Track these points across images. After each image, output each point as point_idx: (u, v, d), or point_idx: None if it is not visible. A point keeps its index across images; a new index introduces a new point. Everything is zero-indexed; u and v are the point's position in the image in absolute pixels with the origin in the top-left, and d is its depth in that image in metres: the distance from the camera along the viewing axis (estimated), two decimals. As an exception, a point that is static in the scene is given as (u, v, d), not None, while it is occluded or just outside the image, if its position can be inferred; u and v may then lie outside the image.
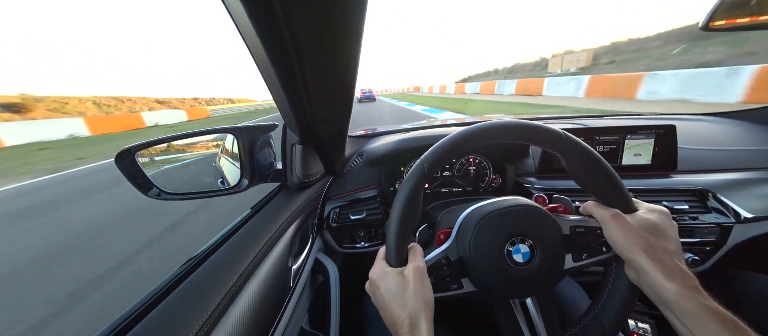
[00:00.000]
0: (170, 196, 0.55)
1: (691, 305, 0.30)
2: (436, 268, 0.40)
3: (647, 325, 0.77)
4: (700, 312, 0.30)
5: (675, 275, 0.32)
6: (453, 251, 0.41)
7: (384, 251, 0.41)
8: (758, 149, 0.90)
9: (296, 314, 0.61)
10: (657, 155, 0.83)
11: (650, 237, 0.35)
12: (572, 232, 0.40)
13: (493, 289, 0.40)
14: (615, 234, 0.36)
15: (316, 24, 0.31)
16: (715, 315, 0.29)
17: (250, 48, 0.36)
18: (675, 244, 0.35)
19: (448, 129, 1.06)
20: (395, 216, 0.39)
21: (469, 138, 0.39)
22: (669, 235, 0.35)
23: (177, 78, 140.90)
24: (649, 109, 3.61)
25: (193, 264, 0.43)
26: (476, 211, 0.42)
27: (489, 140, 0.40)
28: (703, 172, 0.83)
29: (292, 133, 0.61)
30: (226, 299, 0.39)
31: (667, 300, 0.32)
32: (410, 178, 0.39)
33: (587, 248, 0.40)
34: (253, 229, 0.54)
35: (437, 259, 0.40)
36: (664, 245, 0.34)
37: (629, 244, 0.35)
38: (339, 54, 0.37)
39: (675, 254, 0.34)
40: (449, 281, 0.40)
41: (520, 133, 0.40)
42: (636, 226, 0.36)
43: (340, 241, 0.85)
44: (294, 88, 0.42)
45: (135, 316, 0.34)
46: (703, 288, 0.31)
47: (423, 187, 0.41)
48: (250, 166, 0.58)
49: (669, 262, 0.33)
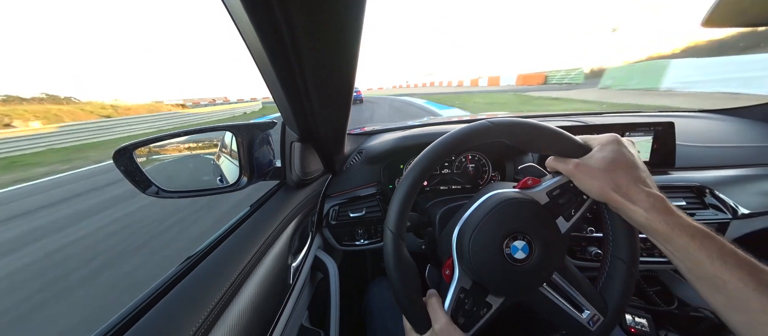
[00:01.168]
0: (169, 194, 0.54)
1: (660, 225, 0.32)
2: (459, 306, 0.40)
3: (644, 320, 0.78)
4: (667, 230, 0.31)
5: (640, 201, 0.33)
6: (464, 280, 0.41)
7: (408, 323, 0.42)
8: (755, 146, 0.91)
9: (296, 311, 0.61)
10: (655, 152, 0.83)
11: (612, 174, 0.36)
12: (551, 197, 0.42)
13: (506, 292, 0.41)
14: (584, 184, 0.38)
15: (315, 22, 0.31)
16: (683, 229, 0.31)
17: (249, 45, 0.36)
18: (633, 170, 0.35)
19: (446, 126, 1.06)
20: (398, 287, 0.39)
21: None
22: (627, 164, 0.36)
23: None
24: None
25: (193, 261, 0.43)
26: (464, 226, 0.43)
27: (429, 164, 0.40)
28: (700, 169, 0.84)
29: (291, 131, 0.61)
30: (226, 296, 0.39)
31: (639, 224, 0.34)
32: (389, 254, 0.40)
33: (570, 203, 0.41)
34: (253, 227, 0.54)
35: (455, 297, 0.41)
36: (625, 177, 0.35)
37: (598, 189, 0.36)
38: (338, 52, 0.37)
39: (637, 180, 0.35)
40: (477, 309, 0.41)
41: (453, 146, 0.40)
42: (597, 168, 0.37)
43: (339, 239, 0.85)
44: (293, 85, 0.41)
45: (136, 312, 0.34)
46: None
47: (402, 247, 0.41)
48: (249, 164, 0.58)
49: (633, 190, 0.34)
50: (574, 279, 0.42)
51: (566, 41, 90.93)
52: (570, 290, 0.42)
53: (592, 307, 0.41)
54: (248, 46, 0.36)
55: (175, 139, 0.59)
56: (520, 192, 0.43)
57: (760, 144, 0.91)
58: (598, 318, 0.41)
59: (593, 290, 0.43)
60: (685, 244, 0.30)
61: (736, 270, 0.27)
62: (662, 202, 0.33)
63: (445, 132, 0.42)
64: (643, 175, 0.35)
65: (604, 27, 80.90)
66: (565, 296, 0.42)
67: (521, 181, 0.45)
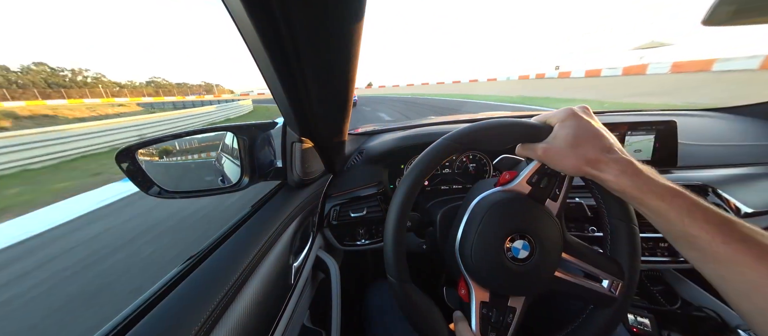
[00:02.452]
0: (171, 194, 0.55)
1: (630, 189, 0.33)
2: (486, 321, 0.41)
3: (646, 320, 0.77)
4: (638, 192, 0.33)
5: (610, 169, 0.34)
6: (481, 293, 0.42)
7: None
8: (758, 144, 0.90)
9: (298, 311, 0.61)
10: (658, 151, 0.83)
11: (579, 149, 0.36)
12: (532, 184, 0.42)
13: (523, 292, 0.41)
14: (556, 164, 0.38)
15: (316, 22, 0.31)
16: (652, 190, 0.32)
17: (250, 46, 0.36)
18: (598, 140, 0.36)
19: (447, 126, 1.06)
20: (423, 328, 0.40)
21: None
22: (591, 135, 0.36)
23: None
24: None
25: (195, 261, 0.44)
26: (462, 241, 0.43)
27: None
28: (703, 168, 0.83)
29: (291, 131, 0.61)
30: (228, 296, 0.39)
31: (613, 190, 0.35)
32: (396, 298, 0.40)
33: (551, 184, 0.42)
34: (254, 227, 0.54)
35: (478, 314, 0.41)
36: (592, 149, 0.35)
37: (571, 167, 0.37)
38: (338, 52, 0.37)
39: (603, 149, 0.35)
40: (503, 317, 0.41)
41: (419, 178, 0.41)
42: (563, 146, 0.37)
43: (340, 239, 0.85)
44: (293, 86, 0.42)
45: (139, 312, 0.34)
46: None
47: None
48: (251, 165, 0.58)
49: (603, 159, 0.35)
50: (582, 254, 0.43)
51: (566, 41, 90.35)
52: (582, 265, 0.42)
53: (608, 275, 0.41)
54: (249, 46, 0.36)
55: (176, 140, 0.59)
56: (502, 190, 0.43)
57: (763, 142, 0.90)
58: (617, 283, 0.41)
59: (604, 258, 0.43)
60: (656, 205, 0.31)
61: (704, 225, 0.28)
62: (630, 166, 0.33)
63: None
64: (608, 143, 0.36)
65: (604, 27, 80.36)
66: (579, 274, 0.42)
67: (500, 177, 0.45)
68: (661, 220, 0.32)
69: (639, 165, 0.34)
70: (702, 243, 0.28)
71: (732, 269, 0.26)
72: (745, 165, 0.83)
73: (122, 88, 53.19)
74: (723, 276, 0.28)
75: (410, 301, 0.40)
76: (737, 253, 0.26)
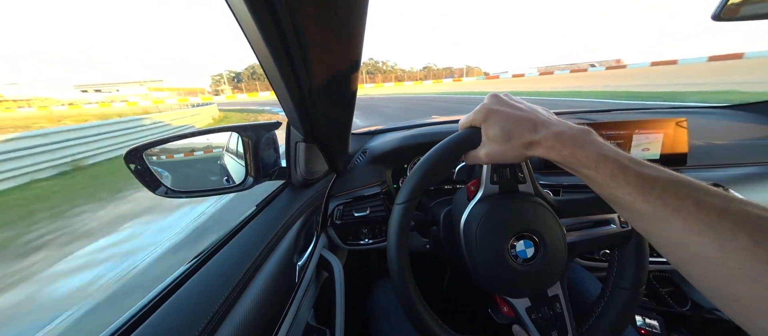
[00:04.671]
0: (177, 194, 0.56)
1: (563, 159, 0.33)
2: (540, 324, 0.42)
3: (655, 321, 0.76)
4: (569, 162, 0.33)
5: (545, 146, 0.34)
6: (520, 302, 0.43)
7: None
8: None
9: (302, 309, 0.62)
10: (666, 150, 0.81)
11: (515, 141, 0.36)
12: (498, 182, 0.44)
13: (552, 280, 0.42)
14: (503, 160, 0.38)
15: (319, 23, 0.31)
16: (581, 161, 0.32)
17: (254, 47, 0.36)
18: (526, 123, 0.35)
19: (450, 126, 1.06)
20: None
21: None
22: (518, 123, 0.36)
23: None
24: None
25: (202, 259, 0.44)
26: (473, 268, 0.43)
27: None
28: (714, 167, 0.81)
29: (295, 131, 0.62)
30: (235, 293, 0.40)
31: (558, 163, 0.35)
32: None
33: (513, 171, 0.43)
34: (260, 226, 0.55)
35: (531, 321, 0.42)
36: (526, 134, 0.35)
37: (516, 158, 0.37)
38: (341, 53, 0.37)
39: (533, 129, 0.35)
40: (553, 312, 0.42)
41: (403, 221, 0.41)
42: (500, 145, 0.36)
43: (344, 238, 0.85)
44: (297, 86, 0.42)
45: (148, 309, 0.35)
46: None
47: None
48: (255, 164, 0.59)
49: (534, 140, 0.35)
50: (578, 208, 0.44)
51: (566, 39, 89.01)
52: (583, 219, 0.43)
53: (611, 213, 0.43)
54: (253, 47, 0.36)
55: (183, 140, 0.60)
56: (476, 203, 0.44)
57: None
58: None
59: (597, 200, 0.42)
60: (585, 172, 0.32)
61: (625, 187, 0.29)
62: (560, 137, 0.33)
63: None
64: (537, 121, 0.35)
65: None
66: (588, 225, 0.44)
67: (467, 189, 0.46)
68: (594, 185, 0.33)
69: (571, 132, 0.34)
70: (626, 203, 0.29)
71: (654, 225, 0.28)
72: (757, 164, 0.81)
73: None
74: (649, 232, 0.29)
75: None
76: (657, 209, 0.27)
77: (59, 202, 4.02)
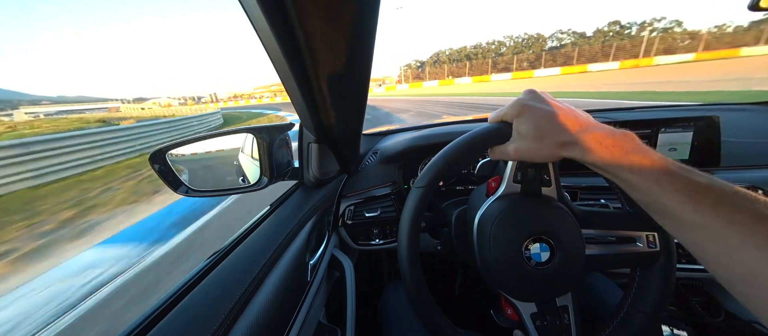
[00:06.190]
0: (196, 193, 0.58)
1: (601, 162, 0.32)
2: (544, 331, 0.41)
3: (684, 332, 0.71)
4: (609, 166, 0.31)
5: (579, 148, 0.33)
6: (527, 307, 0.42)
7: None
8: None
9: (314, 308, 0.63)
10: (696, 149, 0.76)
11: (547, 139, 0.34)
12: (521, 181, 0.42)
13: (564, 289, 0.40)
14: (533, 158, 0.37)
15: (330, 27, 0.32)
16: (622, 165, 0.30)
17: (268, 50, 0.37)
18: (561, 123, 0.34)
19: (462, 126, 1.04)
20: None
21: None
22: (553, 121, 0.34)
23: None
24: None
25: (218, 257, 0.46)
26: (485, 267, 0.42)
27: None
28: (750, 168, 0.76)
29: (308, 132, 0.63)
30: (250, 290, 0.41)
31: (589, 166, 0.34)
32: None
33: (539, 173, 0.41)
34: (273, 225, 0.56)
35: (535, 328, 0.41)
36: (560, 134, 0.34)
37: (548, 157, 0.35)
38: (352, 55, 0.38)
39: (570, 129, 0.34)
40: (559, 321, 0.41)
41: (421, 203, 0.41)
42: (532, 142, 0.35)
43: (355, 238, 0.86)
44: (309, 88, 0.43)
45: (167, 306, 0.36)
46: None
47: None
48: (269, 165, 0.60)
49: (570, 140, 0.33)
50: (601, 221, 0.41)
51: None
52: (607, 232, 0.40)
53: (638, 231, 0.39)
54: (267, 50, 0.37)
55: (201, 142, 0.63)
56: (495, 200, 0.42)
57: None
58: (652, 236, 0.39)
59: (626, 215, 0.40)
60: (626, 176, 0.31)
61: (673, 195, 0.27)
62: (602, 139, 0.32)
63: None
64: (578, 120, 0.34)
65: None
66: (611, 240, 0.41)
67: (487, 185, 0.44)
68: (634, 192, 0.31)
69: (613, 135, 0.32)
70: (673, 212, 0.27)
71: (703, 236, 0.25)
72: None
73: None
74: (695, 243, 0.27)
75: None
76: (708, 220, 0.25)
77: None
